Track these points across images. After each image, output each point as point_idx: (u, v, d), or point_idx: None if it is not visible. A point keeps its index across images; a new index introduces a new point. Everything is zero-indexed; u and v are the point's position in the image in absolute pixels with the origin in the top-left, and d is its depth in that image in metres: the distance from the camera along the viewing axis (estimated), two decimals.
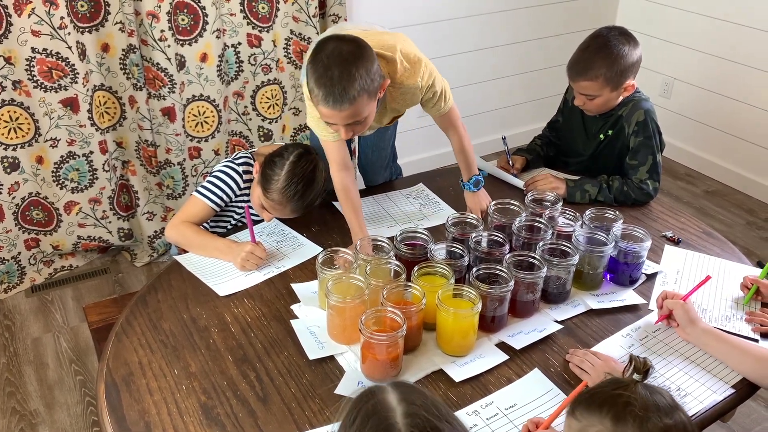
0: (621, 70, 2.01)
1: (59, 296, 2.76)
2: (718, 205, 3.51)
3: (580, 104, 2.11)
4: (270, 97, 2.96)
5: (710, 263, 1.80)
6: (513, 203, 1.82)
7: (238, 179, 1.93)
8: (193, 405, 1.34)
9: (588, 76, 2.02)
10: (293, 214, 1.87)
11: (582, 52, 2.07)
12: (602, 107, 2.10)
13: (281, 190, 1.78)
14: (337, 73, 1.56)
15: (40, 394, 2.29)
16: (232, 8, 2.73)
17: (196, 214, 1.89)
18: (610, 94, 2.05)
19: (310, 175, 1.82)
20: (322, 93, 1.58)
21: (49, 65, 2.47)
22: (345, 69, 1.56)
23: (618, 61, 2.00)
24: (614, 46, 2.01)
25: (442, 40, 3.42)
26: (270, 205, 1.84)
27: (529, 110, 4.01)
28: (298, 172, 1.79)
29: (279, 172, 1.79)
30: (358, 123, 1.67)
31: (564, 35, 3.87)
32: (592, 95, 2.06)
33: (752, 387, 1.42)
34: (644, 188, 2.06)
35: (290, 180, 1.78)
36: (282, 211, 1.86)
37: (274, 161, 1.81)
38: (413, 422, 0.84)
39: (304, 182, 1.80)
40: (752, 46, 3.42)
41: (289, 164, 1.79)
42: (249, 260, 1.73)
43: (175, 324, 1.56)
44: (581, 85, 2.06)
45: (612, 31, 2.06)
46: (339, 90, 1.56)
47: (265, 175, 1.81)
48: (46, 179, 2.68)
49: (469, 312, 1.42)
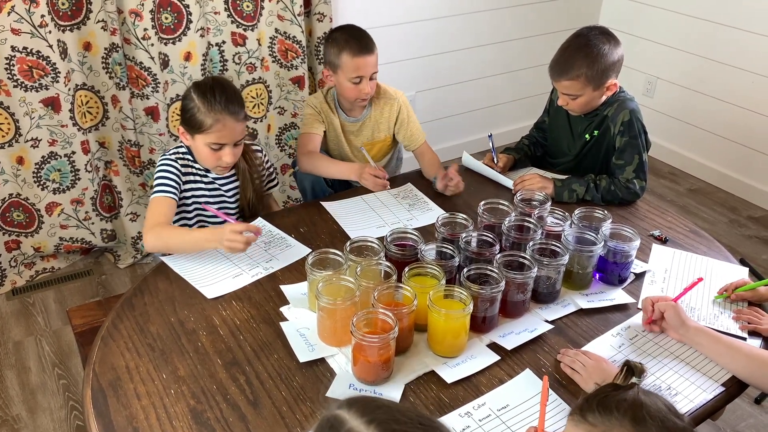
0: (602, 69, 2.02)
1: (41, 299, 2.71)
2: (701, 203, 3.54)
3: (564, 104, 2.12)
4: (255, 96, 2.94)
5: (698, 262, 1.81)
6: (502, 203, 1.82)
7: (173, 163, 1.93)
8: (182, 410, 1.32)
9: (569, 76, 2.02)
10: (239, 121, 1.86)
11: (563, 51, 2.07)
12: (585, 107, 2.11)
13: (206, 106, 1.82)
14: (358, 32, 2.15)
15: (23, 399, 2.25)
16: (216, 6, 2.70)
17: (161, 211, 1.85)
18: (593, 93, 2.06)
19: (215, 80, 1.91)
20: (354, 45, 2.11)
21: (29, 64, 2.43)
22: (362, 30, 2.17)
23: (599, 60, 2.01)
24: (594, 45, 2.01)
25: (426, 39, 3.42)
26: (214, 134, 1.83)
27: (514, 109, 4.01)
28: (203, 83, 1.88)
29: (191, 98, 1.85)
30: (375, 74, 2.17)
31: (548, 34, 3.88)
32: (574, 95, 2.06)
33: (741, 385, 1.43)
34: (631, 187, 2.07)
35: (204, 92, 1.83)
36: (229, 130, 1.84)
37: (182, 104, 1.89)
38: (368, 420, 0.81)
39: (217, 85, 1.86)
40: (733, 46, 3.45)
41: (192, 87, 1.88)
42: (234, 240, 1.66)
43: (163, 327, 1.54)
44: (563, 85, 2.06)
45: (593, 30, 2.06)
46: (367, 38, 2.14)
47: (187, 116, 1.86)
48: (27, 180, 2.64)
49: (460, 313, 1.41)
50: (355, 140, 2.32)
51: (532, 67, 3.94)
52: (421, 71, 3.45)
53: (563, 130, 2.26)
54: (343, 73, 2.14)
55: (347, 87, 2.16)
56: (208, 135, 1.85)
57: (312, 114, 2.27)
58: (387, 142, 2.36)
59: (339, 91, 2.24)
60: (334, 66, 2.16)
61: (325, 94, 2.30)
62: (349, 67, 2.11)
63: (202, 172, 1.98)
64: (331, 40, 2.17)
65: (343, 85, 2.17)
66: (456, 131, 3.76)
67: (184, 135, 1.91)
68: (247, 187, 2.04)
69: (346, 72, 2.13)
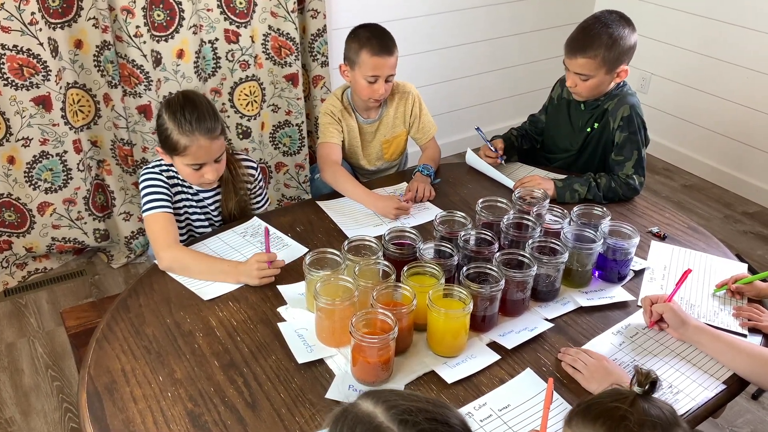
0: (619, 53, 2.02)
1: (33, 300, 2.68)
2: (695, 199, 3.54)
3: (572, 86, 2.10)
4: (248, 93, 2.91)
5: (696, 258, 1.81)
6: (500, 201, 1.81)
7: (157, 175, 1.86)
8: (179, 412, 1.30)
9: (587, 54, 2.01)
10: (214, 139, 1.78)
11: (582, 30, 2.06)
12: (593, 91, 2.09)
13: (178, 128, 1.75)
14: (381, 32, 2.13)
15: (16, 401, 2.23)
16: (209, 3, 2.67)
17: (166, 229, 1.78)
18: (604, 76, 2.05)
19: (186, 97, 1.82)
20: (376, 44, 2.08)
21: (19, 62, 2.40)
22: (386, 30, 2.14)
23: (618, 42, 2.00)
24: (615, 28, 2.01)
25: (419, 36, 3.40)
26: (190, 156, 1.77)
27: (506, 106, 4.00)
28: (174, 102, 1.80)
29: (163, 119, 1.78)
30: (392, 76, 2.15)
31: (541, 31, 3.88)
32: (586, 75, 2.04)
33: (742, 383, 1.42)
34: (631, 183, 2.06)
35: (174, 112, 1.76)
36: (204, 150, 1.77)
37: (156, 124, 1.83)
38: (398, 412, 0.84)
39: (188, 103, 1.78)
40: (728, 42, 3.45)
41: (164, 106, 1.80)
42: (263, 271, 1.64)
43: (159, 329, 1.51)
44: (578, 63, 2.04)
45: (613, 14, 2.07)
46: (389, 39, 2.12)
47: (163, 137, 1.79)
48: (18, 180, 2.61)
49: (460, 312, 1.40)
50: (373, 140, 2.31)
51: (525, 63, 3.93)
52: (415, 68, 3.43)
53: (564, 125, 2.25)
54: (359, 71, 2.12)
55: (362, 85, 2.14)
56: (185, 157, 1.78)
57: (330, 122, 2.22)
58: (403, 136, 2.35)
59: (354, 88, 2.21)
60: (352, 62, 2.14)
61: (341, 97, 2.26)
62: (367, 65, 2.10)
63: (188, 185, 1.92)
64: (353, 36, 2.15)
65: (359, 83, 2.15)
66: (449, 128, 3.74)
67: (164, 155, 1.85)
68: (230, 198, 1.96)
69: (363, 70, 2.11)
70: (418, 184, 2.07)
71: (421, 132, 2.33)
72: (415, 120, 2.31)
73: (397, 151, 2.36)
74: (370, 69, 2.10)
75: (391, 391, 0.91)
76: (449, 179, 2.20)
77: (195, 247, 1.80)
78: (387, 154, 2.33)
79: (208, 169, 1.81)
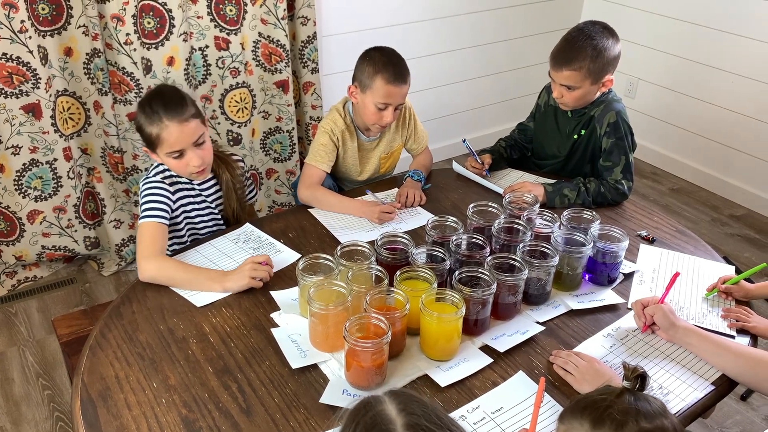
0: (603, 64, 2.04)
1: (23, 308, 2.67)
2: (683, 203, 3.58)
3: (558, 96, 2.12)
4: (239, 100, 2.92)
5: (685, 261, 1.83)
6: (491, 205, 1.82)
7: (159, 183, 1.85)
8: (174, 419, 1.30)
9: (572, 66, 2.03)
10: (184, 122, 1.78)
11: (567, 42, 2.08)
12: (579, 101, 2.11)
13: (148, 119, 1.78)
14: (397, 59, 2.06)
15: (6, 411, 2.21)
16: (199, 11, 2.68)
17: (155, 239, 1.76)
18: (590, 87, 2.07)
19: (155, 89, 1.89)
20: (391, 71, 2.01)
21: (9, 70, 2.39)
22: (401, 58, 2.07)
23: (602, 54, 2.03)
24: (599, 39, 2.03)
25: (408, 42, 3.42)
26: (167, 143, 1.78)
27: (496, 111, 4.03)
28: (143, 97, 1.85)
29: (140, 114, 1.81)
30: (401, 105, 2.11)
31: (530, 37, 3.91)
32: (572, 86, 2.07)
33: (731, 383, 1.44)
34: (620, 188, 2.08)
35: (143, 105, 1.80)
36: (178, 134, 1.77)
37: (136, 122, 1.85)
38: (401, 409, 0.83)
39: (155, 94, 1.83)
40: (713, 47, 3.50)
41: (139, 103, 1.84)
42: (257, 270, 1.65)
43: (152, 336, 1.52)
44: (563, 75, 2.06)
45: (596, 24, 2.08)
46: (405, 68, 2.06)
47: (144, 134, 1.81)
48: (7, 188, 2.60)
49: (453, 316, 1.41)
50: (371, 156, 2.26)
51: (514, 69, 3.96)
52: None
53: (552, 132, 2.27)
54: (371, 96, 2.04)
55: (370, 110, 2.06)
56: (162, 147, 1.79)
57: (325, 145, 2.14)
58: (400, 149, 2.33)
59: (360, 110, 2.12)
60: (364, 85, 2.05)
61: (343, 113, 2.18)
62: (380, 92, 2.02)
63: (189, 185, 1.92)
64: (368, 59, 2.06)
65: (367, 107, 2.07)
66: (440, 134, 3.77)
67: (151, 154, 1.85)
68: (231, 197, 1.99)
69: (374, 96, 2.03)
70: (408, 189, 2.08)
71: (417, 143, 2.31)
72: (411, 134, 2.29)
73: (393, 164, 2.35)
74: (382, 96, 2.03)
75: (421, 403, 0.88)
76: (440, 184, 2.22)
77: (186, 255, 1.80)
78: (384, 168, 2.31)
79: (191, 155, 1.81)
